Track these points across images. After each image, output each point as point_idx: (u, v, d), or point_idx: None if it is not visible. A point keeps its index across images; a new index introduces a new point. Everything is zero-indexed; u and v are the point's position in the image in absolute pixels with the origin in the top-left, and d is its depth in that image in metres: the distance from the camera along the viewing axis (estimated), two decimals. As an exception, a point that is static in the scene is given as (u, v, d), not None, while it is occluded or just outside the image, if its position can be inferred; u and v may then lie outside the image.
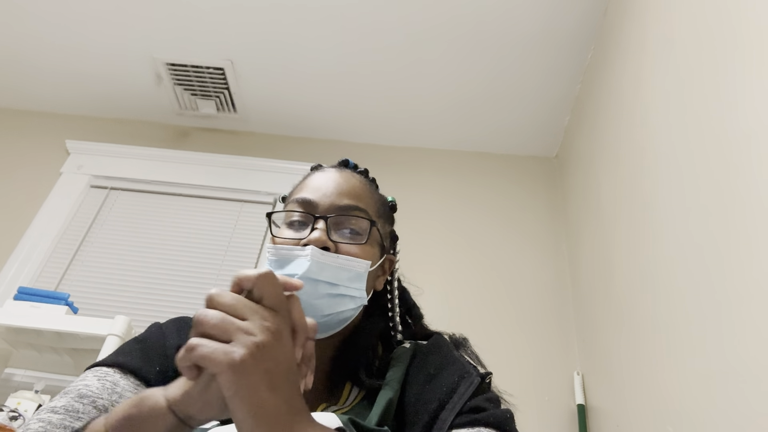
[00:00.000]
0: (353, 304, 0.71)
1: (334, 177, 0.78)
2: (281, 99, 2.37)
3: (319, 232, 0.70)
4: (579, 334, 1.93)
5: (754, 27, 1.02)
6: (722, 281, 1.04)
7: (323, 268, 0.68)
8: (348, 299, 0.71)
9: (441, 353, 0.72)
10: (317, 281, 0.68)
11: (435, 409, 0.63)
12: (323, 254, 0.69)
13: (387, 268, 0.83)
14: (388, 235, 0.84)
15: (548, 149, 2.42)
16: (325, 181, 0.77)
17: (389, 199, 0.87)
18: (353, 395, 0.71)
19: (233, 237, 2.19)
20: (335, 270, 0.69)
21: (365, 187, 0.80)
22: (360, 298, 0.72)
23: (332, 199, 0.74)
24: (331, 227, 0.73)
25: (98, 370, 0.66)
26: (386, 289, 0.84)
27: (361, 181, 0.81)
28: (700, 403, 1.07)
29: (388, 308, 0.83)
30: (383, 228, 0.80)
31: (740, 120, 1.03)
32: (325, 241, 0.70)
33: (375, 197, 0.81)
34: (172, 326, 0.75)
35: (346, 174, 0.80)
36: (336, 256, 0.70)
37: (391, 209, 0.87)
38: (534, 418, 1.76)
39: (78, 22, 2.15)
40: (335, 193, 0.75)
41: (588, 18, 1.94)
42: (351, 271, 0.71)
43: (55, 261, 2.10)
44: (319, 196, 0.75)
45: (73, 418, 0.59)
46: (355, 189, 0.77)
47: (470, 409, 0.63)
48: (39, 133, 2.48)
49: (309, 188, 0.77)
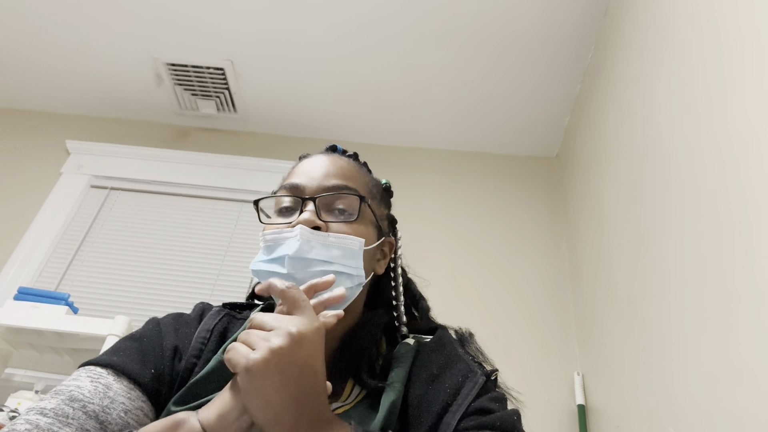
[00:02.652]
0: (350, 282, 0.70)
1: (322, 161, 0.78)
2: (281, 99, 2.37)
3: (308, 213, 0.70)
4: (579, 334, 1.93)
5: (754, 27, 1.02)
6: (722, 281, 1.04)
7: (314, 247, 0.67)
8: (344, 277, 0.69)
9: (444, 351, 0.70)
10: (309, 260, 0.67)
11: (439, 412, 0.61)
12: (313, 233, 0.68)
13: (388, 251, 0.81)
14: (385, 218, 0.83)
15: (548, 149, 2.42)
16: (312, 166, 0.77)
17: (383, 182, 0.86)
18: (355, 392, 0.70)
19: (233, 237, 2.19)
20: (327, 248, 0.68)
21: (354, 168, 0.79)
22: (357, 276, 0.70)
23: (320, 181, 0.74)
24: (321, 208, 0.72)
25: (92, 370, 0.64)
26: (389, 276, 0.82)
27: (350, 162, 0.80)
28: (700, 403, 1.07)
29: (393, 297, 0.81)
30: (378, 208, 0.79)
31: (740, 120, 1.03)
32: (314, 221, 0.69)
33: (366, 178, 0.80)
34: (170, 325, 0.73)
35: (334, 157, 0.79)
36: (326, 234, 0.69)
37: (386, 191, 0.86)
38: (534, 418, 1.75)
39: (78, 23, 2.15)
40: (323, 175, 0.75)
41: (588, 18, 1.94)
42: (344, 248, 0.69)
43: (55, 261, 2.10)
44: (307, 180, 0.74)
45: (62, 423, 0.57)
46: (342, 170, 0.77)
47: (475, 411, 0.61)
48: (39, 133, 2.48)
49: (296, 174, 0.77)
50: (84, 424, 0.58)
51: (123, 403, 0.62)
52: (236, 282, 2.08)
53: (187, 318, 0.75)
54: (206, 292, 2.04)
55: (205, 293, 2.04)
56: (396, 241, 0.84)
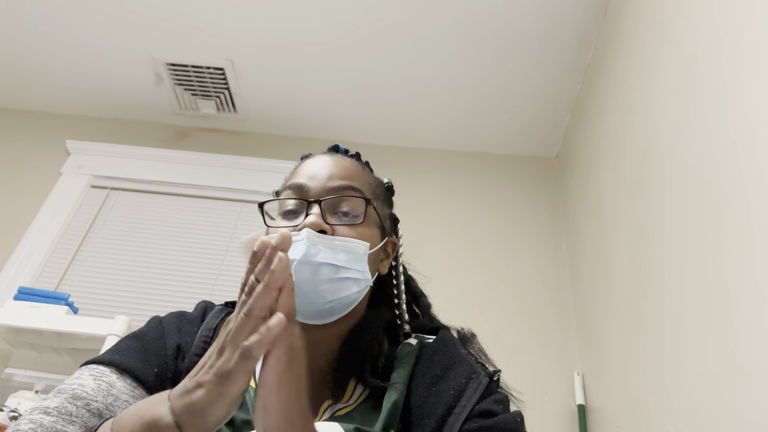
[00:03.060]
0: (357, 287, 0.69)
1: (325, 161, 0.77)
2: (281, 99, 2.37)
3: (314, 217, 0.69)
4: (579, 334, 1.93)
5: (754, 27, 1.02)
6: (722, 281, 1.04)
7: (321, 251, 0.67)
8: (351, 282, 0.69)
9: (447, 352, 0.70)
10: (318, 264, 0.66)
11: (443, 414, 0.61)
12: (319, 236, 0.67)
13: (390, 251, 0.81)
14: (388, 217, 0.83)
15: (548, 149, 2.42)
16: (315, 166, 0.76)
17: (385, 181, 0.86)
18: (357, 393, 0.69)
19: (233, 237, 2.19)
20: (333, 252, 0.67)
21: (357, 168, 0.79)
22: (364, 280, 0.70)
23: (324, 182, 0.73)
24: (326, 210, 0.71)
25: (95, 368, 0.64)
26: (391, 275, 0.82)
27: (353, 163, 0.80)
28: (700, 403, 1.07)
29: (394, 295, 0.81)
30: (381, 209, 0.79)
31: (740, 119, 1.03)
32: (321, 224, 0.69)
33: (369, 178, 0.80)
34: (173, 323, 0.73)
35: (337, 158, 0.79)
36: (333, 238, 0.68)
37: (388, 191, 0.85)
38: (534, 418, 1.75)
39: (78, 22, 2.15)
40: (327, 176, 0.74)
41: (588, 18, 1.94)
42: (351, 252, 0.69)
43: (55, 261, 2.10)
44: (311, 181, 0.74)
45: (66, 421, 0.57)
46: (346, 170, 0.76)
47: (479, 414, 0.61)
48: (39, 133, 2.48)
49: (300, 175, 0.76)
50: (87, 421, 0.58)
51: (126, 401, 0.62)
52: (236, 282, 2.07)
53: (190, 317, 0.75)
54: (206, 292, 2.04)
55: (205, 293, 2.03)
56: (398, 240, 0.84)
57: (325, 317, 0.69)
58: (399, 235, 0.85)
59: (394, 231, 0.85)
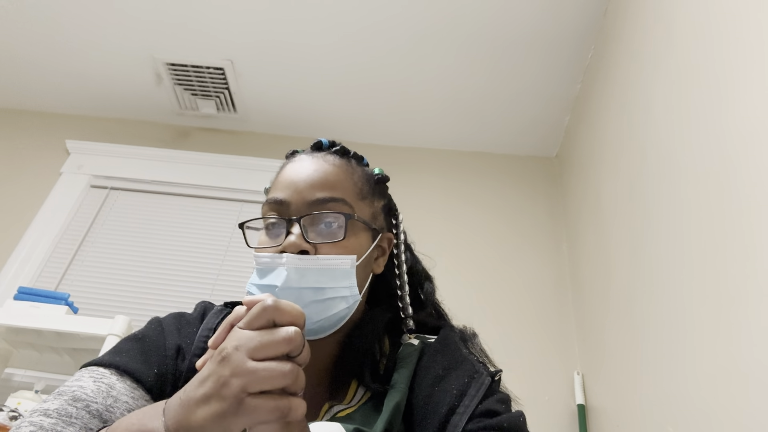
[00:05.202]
0: (345, 304, 0.68)
1: (306, 167, 0.74)
2: (281, 99, 2.37)
3: (294, 237, 0.67)
4: (579, 334, 1.93)
5: (754, 26, 1.02)
6: (722, 281, 1.04)
7: (303, 274, 0.65)
8: (339, 300, 0.67)
9: (449, 352, 0.70)
10: (300, 289, 0.65)
11: (445, 414, 0.61)
12: (301, 259, 0.66)
13: (387, 246, 0.79)
14: (380, 211, 0.79)
15: (548, 149, 2.42)
16: (296, 174, 0.73)
17: (376, 172, 0.81)
18: (359, 394, 0.69)
19: (233, 237, 2.19)
20: (317, 273, 0.66)
21: (340, 171, 0.75)
22: (351, 296, 0.69)
23: (304, 195, 0.70)
24: (307, 227, 0.69)
25: (95, 370, 0.64)
26: (393, 264, 0.80)
27: (336, 164, 0.75)
28: (700, 403, 1.07)
29: (397, 286, 0.79)
30: (370, 206, 0.76)
31: (740, 119, 1.03)
32: (301, 244, 0.67)
33: (354, 178, 0.76)
34: (173, 324, 0.73)
35: (319, 160, 0.75)
36: (315, 258, 0.67)
37: (379, 183, 0.81)
38: (534, 418, 1.75)
39: (78, 22, 2.15)
40: (307, 186, 0.71)
41: (588, 18, 1.94)
42: (335, 270, 0.67)
43: (55, 261, 2.10)
44: (290, 194, 0.71)
45: (66, 423, 0.57)
46: (327, 177, 0.72)
47: (482, 413, 0.61)
48: (39, 133, 2.48)
49: (280, 185, 0.73)
50: (88, 423, 0.58)
51: (126, 402, 0.62)
52: (236, 282, 2.08)
53: (189, 317, 0.75)
54: (206, 292, 2.04)
55: (205, 293, 2.04)
56: (398, 226, 0.82)
57: (316, 334, 0.68)
58: (399, 220, 0.82)
59: (391, 222, 0.82)
